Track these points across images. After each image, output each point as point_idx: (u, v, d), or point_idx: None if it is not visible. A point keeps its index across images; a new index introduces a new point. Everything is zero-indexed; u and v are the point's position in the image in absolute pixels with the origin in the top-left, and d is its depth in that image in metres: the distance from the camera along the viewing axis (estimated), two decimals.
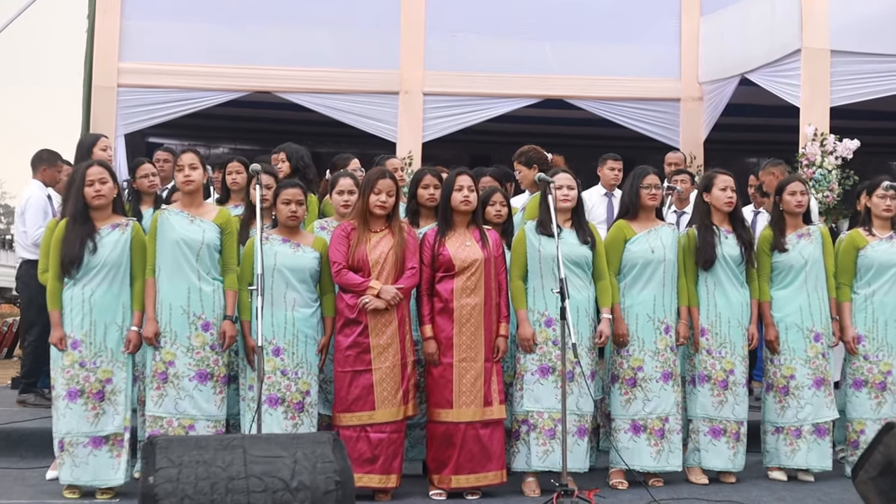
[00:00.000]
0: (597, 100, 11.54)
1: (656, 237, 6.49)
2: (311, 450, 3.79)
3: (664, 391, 6.41)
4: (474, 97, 11.42)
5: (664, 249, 6.46)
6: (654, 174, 6.52)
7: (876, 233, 6.84)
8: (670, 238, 6.52)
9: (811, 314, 6.66)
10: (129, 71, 11.14)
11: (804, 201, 6.70)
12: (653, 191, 6.50)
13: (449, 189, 6.24)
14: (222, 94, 11.27)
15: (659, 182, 6.53)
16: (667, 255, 6.46)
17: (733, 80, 10.71)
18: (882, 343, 6.72)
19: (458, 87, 11.40)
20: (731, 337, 6.57)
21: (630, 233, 6.50)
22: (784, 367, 6.67)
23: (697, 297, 6.57)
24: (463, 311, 6.12)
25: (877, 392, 6.71)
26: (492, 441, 6.11)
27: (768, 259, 6.72)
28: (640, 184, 6.51)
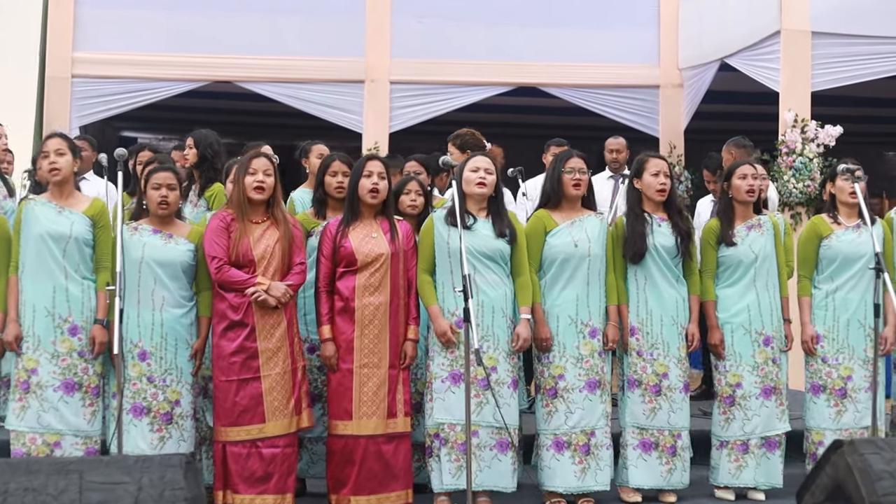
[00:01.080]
0: (572, 87, 11.15)
1: (580, 229, 5.86)
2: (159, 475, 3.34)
3: (589, 402, 5.78)
4: (443, 85, 11.03)
5: (589, 242, 5.83)
6: (579, 157, 5.88)
7: (842, 221, 6.16)
8: (597, 230, 5.88)
9: (760, 315, 6.03)
10: (84, 61, 10.78)
11: (756, 186, 6.04)
12: (576, 176, 5.84)
13: (357, 176, 5.68)
14: (180, 85, 10.93)
15: (584, 166, 5.87)
16: (592, 249, 5.83)
17: (713, 65, 10.32)
18: (843, 345, 6.08)
19: (426, 75, 10.98)
20: (665, 337, 5.92)
21: (551, 224, 5.87)
22: (729, 374, 6.03)
23: (626, 294, 5.96)
24: (365, 312, 5.58)
25: (836, 399, 6.08)
26: (396, 458, 5.57)
27: (713, 253, 6.07)
28: (563, 168, 5.87)
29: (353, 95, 11.04)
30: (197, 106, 11.77)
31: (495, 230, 5.69)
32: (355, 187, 5.70)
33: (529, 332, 5.71)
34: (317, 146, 6.90)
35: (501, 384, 5.64)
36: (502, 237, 5.70)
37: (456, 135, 7.08)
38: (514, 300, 5.71)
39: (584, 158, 5.94)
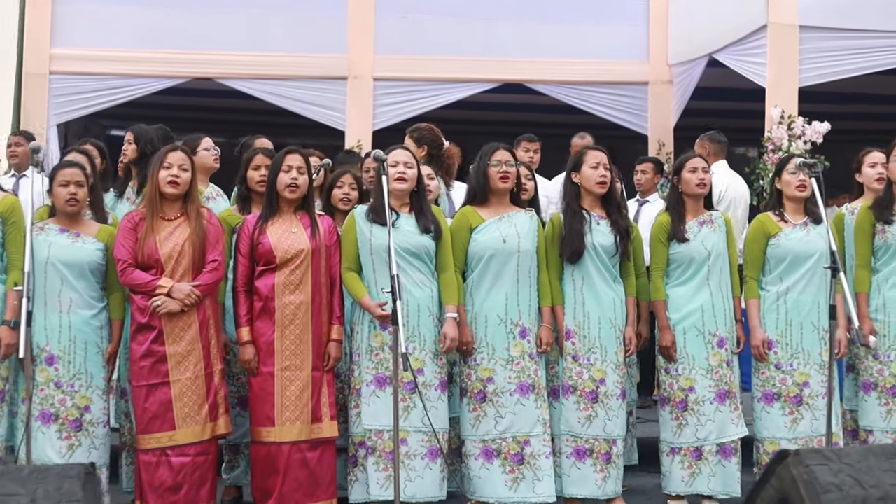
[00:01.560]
0: (560, 84, 11.00)
1: (509, 224, 5.63)
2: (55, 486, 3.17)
3: (521, 407, 5.52)
4: (428, 82, 10.89)
5: (518, 238, 5.59)
6: (505, 150, 5.65)
7: (789, 218, 5.88)
8: (527, 225, 5.64)
9: (714, 316, 5.77)
10: (62, 57, 10.69)
11: (707, 180, 5.80)
12: (503, 168, 5.60)
13: (276, 170, 5.49)
14: (160, 81, 10.83)
15: (511, 159, 5.63)
16: (522, 246, 5.59)
17: (701, 61, 10.18)
18: (797, 349, 5.80)
19: (410, 72, 10.85)
20: (603, 341, 5.66)
21: (476, 220, 5.63)
22: (682, 378, 5.76)
23: (562, 295, 5.70)
24: (286, 311, 5.38)
25: (791, 407, 5.78)
26: (321, 465, 5.36)
27: (664, 250, 5.83)
28: (489, 161, 5.63)
29: (335, 92, 10.91)
30: (181, 104, 11.68)
31: (419, 226, 5.52)
32: (274, 182, 5.52)
33: (457, 333, 5.50)
34: (259, 140, 6.73)
35: (429, 387, 5.47)
36: (426, 233, 5.52)
37: (415, 128, 6.92)
38: (440, 299, 5.54)
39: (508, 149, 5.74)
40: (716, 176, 7.79)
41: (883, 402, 5.87)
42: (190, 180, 5.36)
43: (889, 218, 5.88)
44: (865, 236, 5.94)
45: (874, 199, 5.96)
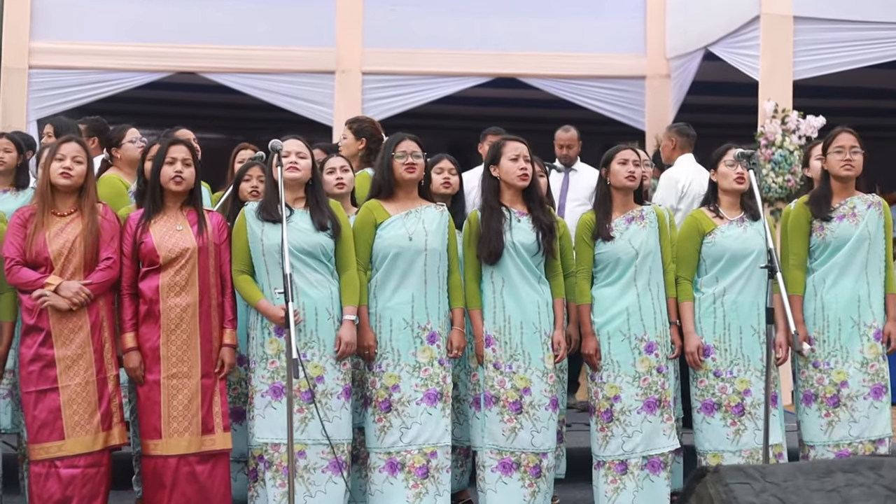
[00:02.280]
0: (554, 78, 11.07)
1: (416, 220, 5.47)
2: None
3: (428, 416, 5.37)
4: (418, 76, 10.98)
5: (426, 236, 5.44)
6: (411, 140, 5.53)
7: (724, 214, 5.72)
8: (436, 221, 5.48)
9: (641, 319, 5.57)
10: (42, 51, 10.77)
11: (638, 174, 5.63)
12: (409, 160, 5.45)
13: (158, 162, 5.32)
14: (142, 76, 10.90)
15: (418, 150, 5.52)
16: (430, 243, 5.43)
17: (697, 54, 10.23)
18: (736, 355, 5.63)
19: (399, 66, 10.92)
20: (526, 347, 5.49)
21: (382, 215, 5.49)
22: (606, 386, 5.57)
23: (481, 298, 5.53)
24: (171, 315, 5.22)
25: (733, 417, 5.62)
26: (213, 479, 5.21)
27: (589, 250, 5.65)
28: (393, 152, 5.49)
29: (323, 87, 10.98)
30: (165, 99, 11.71)
31: (314, 223, 5.36)
32: (157, 175, 5.34)
33: (354, 336, 5.36)
34: (182, 132, 6.66)
35: (330, 395, 5.31)
36: (323, 230, 5.36)
37: (354, 119, 6.93)
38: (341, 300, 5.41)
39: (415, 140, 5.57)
40: (680, 170, 7.72)
41: (823, 413, 5.72)
42: (85, 173, 5.23)
43: (827, 215, 5.74)
44: (801, 234, 5.79)
45: (811, 195, 5.85)
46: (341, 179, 5.90)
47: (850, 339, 5.71)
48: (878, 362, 5.74)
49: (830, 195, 5.78)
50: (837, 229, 5.72)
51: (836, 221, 5.73)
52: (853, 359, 5.70)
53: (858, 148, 5.73)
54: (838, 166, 5.72)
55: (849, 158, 5.71)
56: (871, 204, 5.79)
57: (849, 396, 5.68)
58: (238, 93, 10.99)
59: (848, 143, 5.72)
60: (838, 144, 5.73)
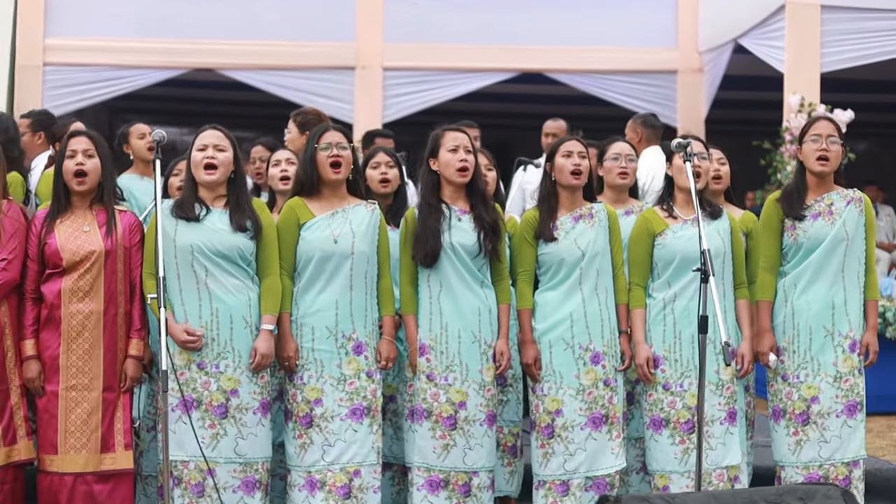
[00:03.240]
0: (581, 73, 11.33)
1: (343, 221, 5.24)
2: None
3: (353, 434, 5.17)
4: (440, 72, 11.29)
5: (353, 237, 5.21)
6: (337, 131, 5.29)
7: (678, 213, 5.41)
8: (365, 221, 5.26)
9: (587, 327, 5.30)
10: (56, 48, 11.16)
11: (584, 167, 5.35)
12: (334, 152, 5.21)
13: (61, 158, 5.14)
14: (158, 73, 11.27)
15: (345, 142, 5.26)
16: (357, 246, 5.20)
17: (727, 47, 10.30)
18: (687, 367, 5.32)
19: (421, 61, 11.21)
20: (463, 357, 5.26)
21: (305, 215, 5.26)
22: (548, 399, 5.32)
23: (417, 303, 5.33)
24: (73, 322, 5.01)
25: (682, 435, 5.32)
26: (112, 500, 5.02)
27: (531, 251, 5.40)
28: (317, 145, 5.24)
29: (343, 83, 11.27)
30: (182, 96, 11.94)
31: (232, 223, 5.13)
32: (60, 171, 5.13)
33: (271, 347, 5.15)
34: (136, 127, 6.73)
35: (245, 410, 5.12)
36: (241, 231, 5.13)
37: (298, 112, 6.73)
38: None
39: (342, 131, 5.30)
40: (643, 165, 7.46)
41: (791, 431, 5.41)
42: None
43: (799, 213, 5.41)
44: (772, 234, 5.48)
45: (783, 191, 5.56)
46: (286, 172, 5.73)
47: (823, 350, 5.37)
48: (853, 377, 5.39)
49: (805, 191, 5.44)
50: (811, 229, 5.39)
51: (809, 220, 5.40)
52: (825, 372, 5.37)
53: (837, 138, 5.36)
54: (812, 159, 5.36)
55: (825, 148, 5.33)
56: (851, 200, 5.41)
57: (820, 413, 5.36)
58: (256, 90, 11.23)
59: (825, 131, 5.34)
60: (815, 133, 5.35)
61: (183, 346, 5.01)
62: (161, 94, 11.65)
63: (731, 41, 10.15)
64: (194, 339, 5.00)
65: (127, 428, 5.10)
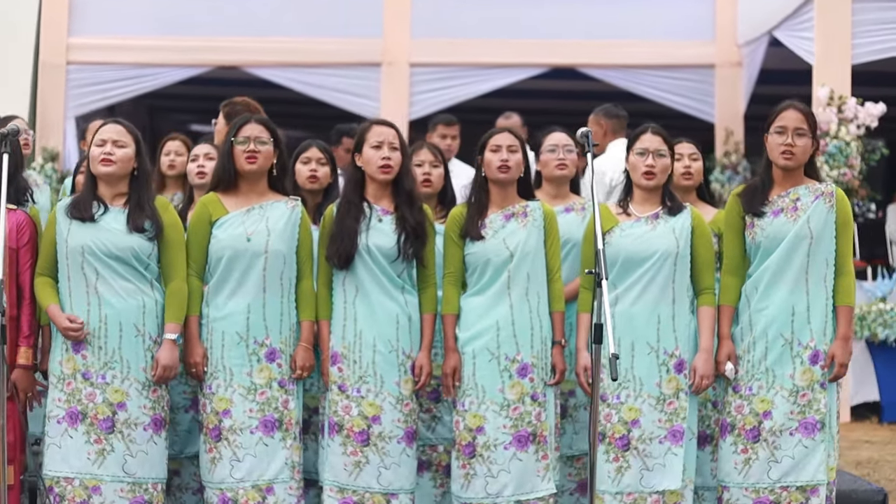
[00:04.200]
0: (615, 68, 11.46)
1: (259, 218, 5.16)
2: None
3: (264, 448, 5.06)
4: (468, 68, 11.48)
5: (268, 236, 5.12)
6: (258, 123, 5.20)
7: (633, 210, 5.23)
8: (284, 219, 5.18)
9: (514, 336, 5.11)
10: (80, 46, 11.49)
11: (514, 162, 5.20)
12: (251, 146, 5.15)
13: None
14: (182, 70, 11.59)
15: (265, 135, 5.17)
16: (272, 245, 5.11)
17: (763, 39, 10.32)
18: (626, 377, 5.08)
19: (449, 57, 11.39)
20: (378, 368, 5.12)
21: (219, 211, 5.17)
22: (469, 414, 5.12)
23: (331, 308, 5.23)
24: None
25: (616, 452, 5.06)
26: None
27: (458, 250, 5.23)
28: (234, 138, 5.17)
29: (369, 80, 11.47)
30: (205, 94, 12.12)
31: (129, 223, 5.05)
32: None
33: (174, 358, 5.08)
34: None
35: (134, 425, 5.02)
36: (139, 232, 5.05)
37: (228, 101, 6.62)
38: (161, 314, 5.11)
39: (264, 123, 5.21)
40: (608, 159, 7.48)
41: (740, 448, 5.10)
42: None
43: (759, 209, 5.16)
44: (733, 233, 5.24)
45: (746, 185, 5.35)
46: (203, 167, 5.73)
47: (780, 360, 5.07)
48: (813, 391, 5.06)
49: (770, 185, 5.18)
50: (770, 227, 5.13)
51: (769, 217, 5.14)
52: (781, 385, 5.06)
53: (805, 130, 5.06)
54: (777, 152, 5.09)
55: (790, 143, 5.05)
56: (821, 195, 5.13)
57: (771, 431, 5.05)
58: (280, 87, 11.39)
59: (792, 124, 5.05)
60: (780, 124, 5.09)
61: (65, 333, 4.95)
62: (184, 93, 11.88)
63: (767, 33, 10.18)
64: (76, 325, 4.93)
65: (11, 441, 4.91)
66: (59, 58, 11.35)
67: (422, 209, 5.28)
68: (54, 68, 11.35)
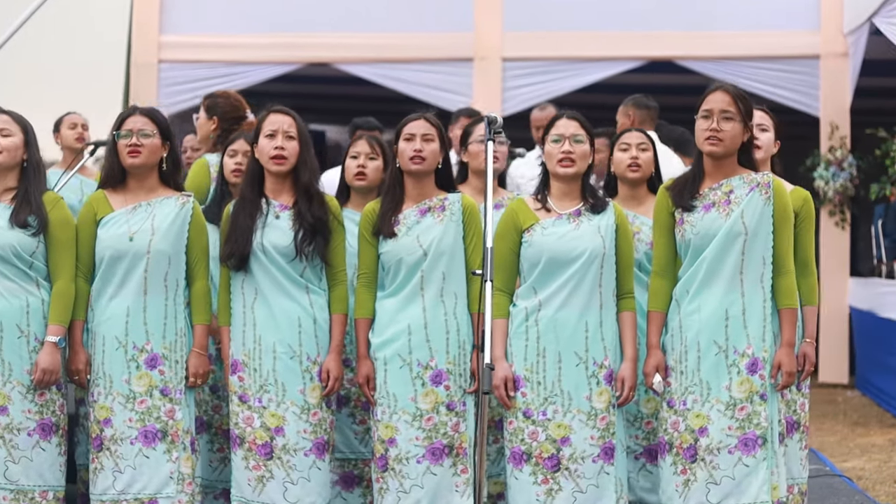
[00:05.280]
0: (714, 60, 11.51)
1: (146, 216, 5.12)
2: None
3: (145, 460, 5.03)
4: (563, 62, 11.67)
5: (153, 235, 5.08)
6: (142, 115, 5.13)
7: (553, 206, 5.03)
8: (172, 217, 5.13)
9: (428, 340, 5.00)
10: (171, 45, 11.99)
11: (429, 152, 5.07)
12: (134, 140, 5.09)
13: None
14: (273, 68, 11.97)
15: (150, 127, 5.10)
16: (156, 245, 5.08)
17: (865, 27, 10.26)
18: (553, 391, 4.88)
19: (542, 51, 11.61)
20: (279, 376, 5.05)
21: (104, 209, 5.17)
22: (381, 425, 5.05)
23: (230, 314, 5.18)
24: None
25: (545, 473, 4.86)
26: None
27: (371, 249, 5.16)
28: (117, 132, 5.13)
29: (460, 75, 11.73)
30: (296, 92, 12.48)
31: (13, 217, 5.04)
32: None
33: (54, 362, 5.06)
34: (68, 117, 7.11)
35: (17, 431, 5.01)
36: (21, 227, 5.03)
37: (209, 94, 6.69)
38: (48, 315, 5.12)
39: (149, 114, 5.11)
40: None
41: (679, 469, 4.86)
42: None
43: (688, 203, 4.92)
44: (662, 230, 5.01)
45: (677, 177, 5.09)
46: (241, 166, 5.68)
47: (714, 371, 4.81)
48: (752, 404, 4.78)
49: (701, 177, 4.95)
50: (700, 223, 4.88)
51: (700, 212, 4.89)
52: (717, 397, 4.81)
53: (733, 114, 4.80)
54: (702, 138, 4.85)
55: (715, 128, 4.79)
56: (756, 186, 4.88)
57: (708, 449, 4.79)
58: (371, 84, 11.63)
59: (718, 106, 4.80)
60: (705, 107, 4.85)
61: None
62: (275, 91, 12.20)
63: (867, 21, 10.13)
64: None
65: None
66: (150, 56, 11.89)
67: (323, 203, 5.18)
68: (146, 67, 11.89)
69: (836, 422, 9.66)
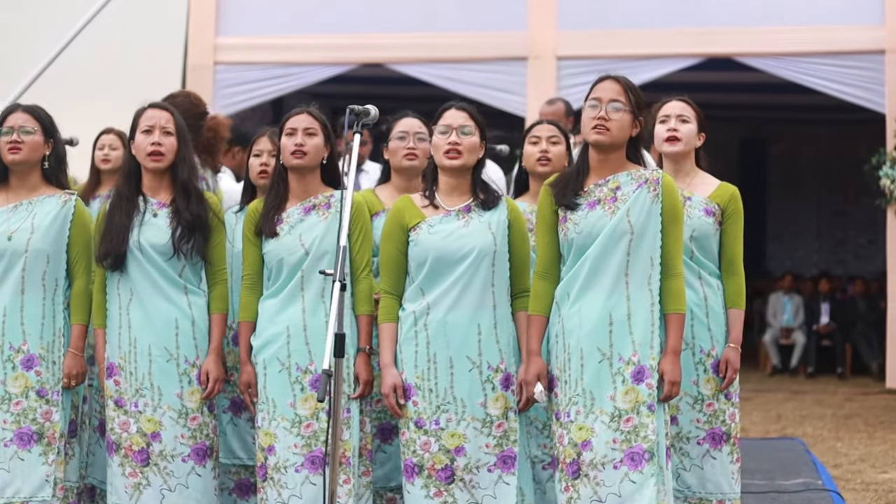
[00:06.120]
0: (774, 56, 11.61)
1: (26, 215, 5.18)
2: None
3: (19, 463, 5.05)
4: (618, 60, 11.72)
5: (31, 234, 5.15)
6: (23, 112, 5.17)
7: (441, 201, 4.93)
8: (53, 215, 5.20)
9: (307, 343, 4.96)
10: (227, 47, 12.34)
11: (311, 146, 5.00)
12: (14, 136, 5.17)
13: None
14: (327, 69, 12.30)
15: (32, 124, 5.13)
16: (34, 244, 5.16)
17: None
18: (445, 399, 4.77)
19: (597, 49, 11.75)
20: (155, 380, 5.04)
21: None
22: (261, 432, 5.04)
23: (106, 315, 5.16)
24: None
25: (438, 485, 4.76)
26: None
27: (253, 250, 5.14)
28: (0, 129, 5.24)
29: (514, 74, 11.97)
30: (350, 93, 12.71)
31: None
32: None
33: None
34: None
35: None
36: None
37: (171, 94, 6.74)
38: None
39: None
40: None
41: (563, 486, 4.71)
42: None
43: (571, 201, 4.76)
44: (545, 229, 4.85)
45: (560, 173, 4.98)
46: (266, 167, 5.68)
47: (598, 379, 4.62)
48: (639, 415, 4.59)
49: (586, 172, 4.80)
50: (583, 221, 4.72)
51: (584, 210, 4.73)
52: (601, 408, 4.61)
53: (622, 104, 4.70)
54: (588, 127, 4.71)
55: (602, 116, 4.67)
56: (644, 182, 4.73)
57: (592, 464, 4.60)
58: (425, 84, 11.87)
59: (608, 95, 4.70)
60: (594, 96, 4.75)
61: None
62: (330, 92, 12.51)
63: None
64: None
65: None
66: (206, 58, 12.28)
67: (202, 200, 5.19)
68: (202, 69, 12.27)
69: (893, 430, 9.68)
